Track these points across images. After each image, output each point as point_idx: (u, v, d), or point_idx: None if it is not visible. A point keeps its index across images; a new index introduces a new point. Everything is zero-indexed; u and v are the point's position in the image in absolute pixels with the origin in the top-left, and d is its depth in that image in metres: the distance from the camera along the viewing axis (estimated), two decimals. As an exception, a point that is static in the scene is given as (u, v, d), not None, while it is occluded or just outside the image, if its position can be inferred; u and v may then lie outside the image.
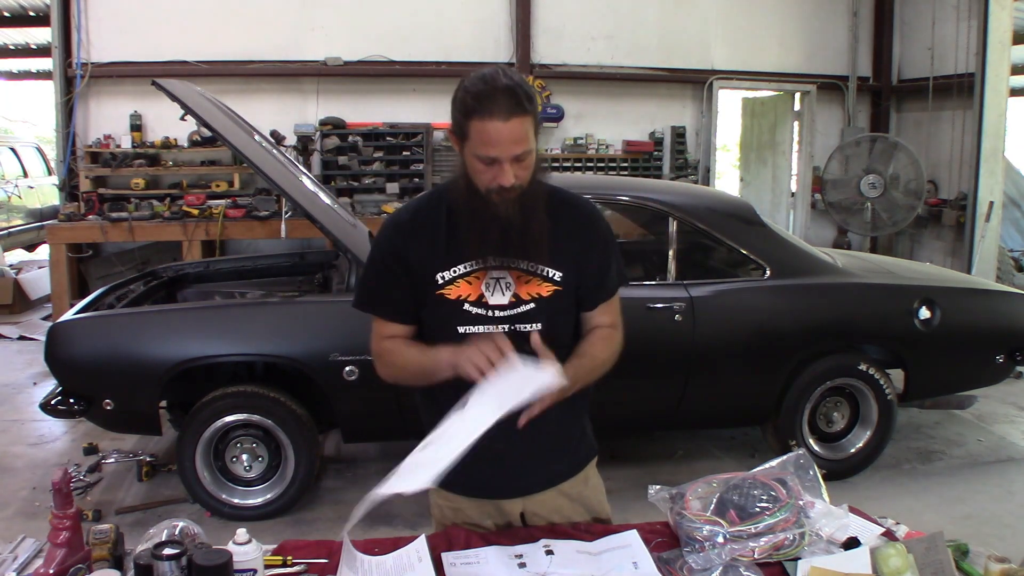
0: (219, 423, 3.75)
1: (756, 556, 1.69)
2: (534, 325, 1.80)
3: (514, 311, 1.81)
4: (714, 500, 1.77)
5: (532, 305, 1.81)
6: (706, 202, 4.26)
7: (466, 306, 1.80)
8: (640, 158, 8.60)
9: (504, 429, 1.85)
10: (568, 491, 1.97)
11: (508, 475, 1.89)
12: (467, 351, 1.67)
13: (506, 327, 1.80)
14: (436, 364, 1.76)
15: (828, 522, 1.81)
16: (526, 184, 1.73)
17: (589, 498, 2.01)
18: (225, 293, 4.81)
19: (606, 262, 1.90)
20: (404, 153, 8.06)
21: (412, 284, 1.83)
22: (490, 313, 1.80)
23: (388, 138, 8.05)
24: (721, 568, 1.67)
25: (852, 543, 1.76)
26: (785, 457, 1.91)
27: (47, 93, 8.62)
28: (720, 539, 1.69)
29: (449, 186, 1.84)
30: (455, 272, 1.80)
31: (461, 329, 1.80)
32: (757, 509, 1.72)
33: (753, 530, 1.70)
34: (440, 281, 1.80)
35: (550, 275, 1.82)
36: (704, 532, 1.70)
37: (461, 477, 1.90)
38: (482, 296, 1.80)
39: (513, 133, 1.64)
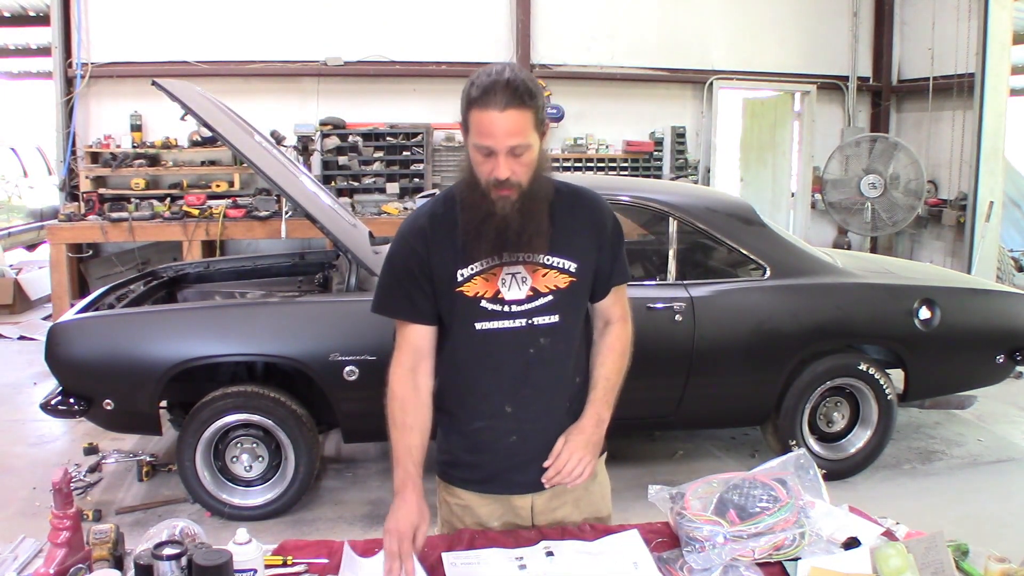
0: (219, 423, 3.75)
1: (756, 556, 1.69)
2: (551, 317, 1.83)
3: (531, 304, 1.83)
4: (714, 500, 1.77)
5: (550, 298, 1.83)
6: (706, 202, 4.26)
7: (483, 303, 1.82)
8: (640, 158, 8.60)
9: (518, 425, 1.87)
10: (577, 487, 1.97)
11: (520, 470, 1.90)
12: (395, 521, 1.71)
13: (524, 321, 1.83)
14: (396, 477, 1.79)
15: (828, 522, 1.81)
16: (525, 184, 1.74)
17: (595, 494, 2.01)
18: (225, 293, 4.81)
19: (616, 252, 1.94)
20: (404, 153, 8.06)
21: (432, 284, 1.84)
22: (507, 308, 1.82)
23: (388, 138, 8.05)
24: (721, 568, 1.67)
25: (852, 543, 1.76)
26: (785, 457, 1.91)
27: (47, 93, 8.60)
28: (720, 539, 1.69)
29: (458, 184, 1.86)
30: (472, 269, 1.81)
31: (478, 326, 1.83)
32: (757, 509, 1.72)
33: (753, 530, 1.70)
34: (459, 279, 1.82)
35: (567, 267, 1.85)
36: (704, 532, 1.70)
37: (474, 472, 1.92)
38: (498, 292, 1.82)
39: (508, 124, 1.66)
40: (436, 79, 8.22)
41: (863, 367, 4.19)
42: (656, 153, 8.67)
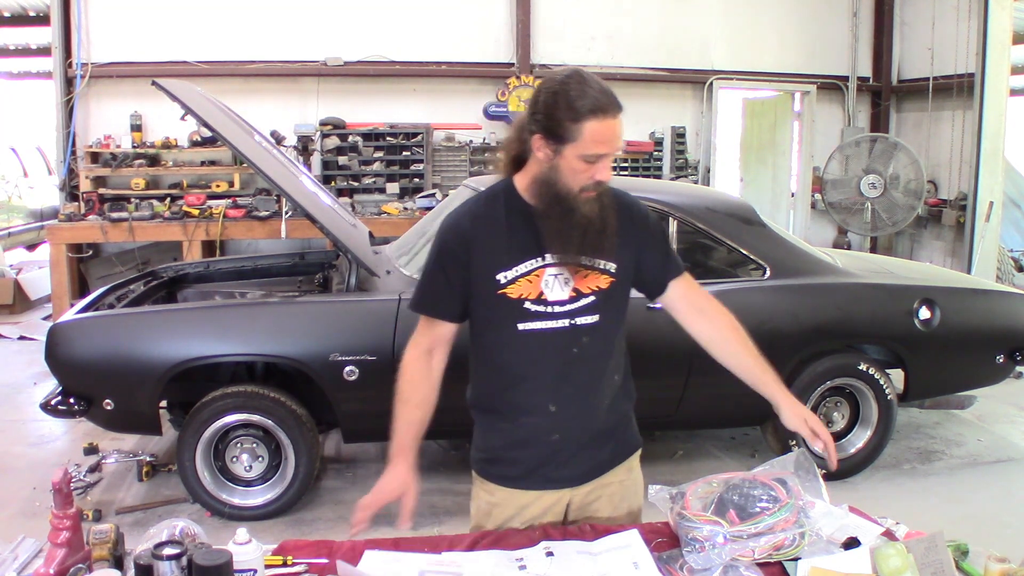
0: (219, 423, 3.75)
1: (756, 556, 1.69)
2: (592, 317, 1.87)
3: (574, 305, 1.86)
4: (714, 500, 1.77)
5: (592, 298, 1.87)
6: (706, 202, 4.26)
7: (526, 304, 1.85)
8: (640, 158, 8.60)
9: (560, 422, 1.91)
10: (612, 480, 2.01)
11: (561, 466, 1.93)
12: (380, 484, 1.87)
13: (566, 322, 1.86)
14: (391, 448, 1.91)
15: (828, 522, 1.81)
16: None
17: (629, 488, 2.04)
18: (225, 293, 4.81)
19: (665, 248, 2.02)
20: (404, 153, 8.06)
21: (467, 286, 1.88)
22: (550, 309, 1.86)
23: (388, 138, 8.05)
24: (721, 568, 1.67)
25: (852, 543, 1.76)
26: (785, 457, 1.91)
27: (47, 93, 8.60)
28: (720, 539, 1.69)
29: (507, 188, 1.89)
30: (516, 271, 1.84)
31: (521, 326, 1.86)
32: (757, 509, 1.72)
33: (753, 530, 1.70)
34: (502, 281, 1.84)
35: (607, 267, 1.89)
36: (704, 532, 1.70)
37: (513, 468, 1.94)
38: (541, 293, 1.85)
39: (619, 129, 1.76)
40: (436, 79, 8.22)
41: (863, 367, 4.19)
42: (656, 153, 8.67)
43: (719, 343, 2.02)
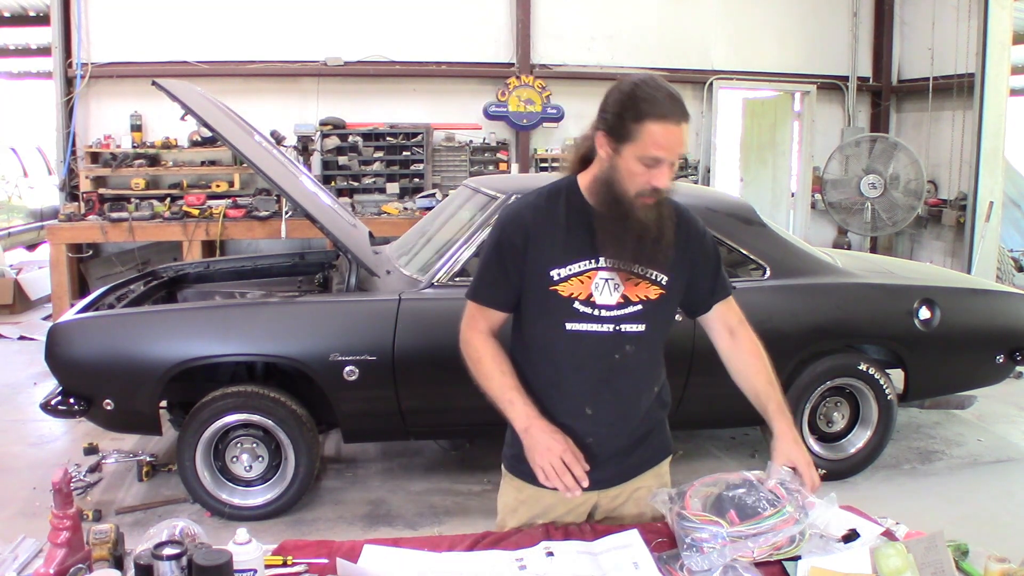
0: (219, 423, 3.75)
1: (755, 556, 1.69)
2: (638, 326, 1.88)
3: (621, 311, 1.87)
4: (714, 500, 1.77)
5: (640, 307, 1.88)
6: (706, 202, 4.25)
7: (576, 304, 1.85)
8: (640, 158, 8.59)
9: (596, 427, 1.92)
10: (641, 484, 2.01)
11: (595, 466, 1.91)
12: (544, 446, 1.80)
13: (612, 327, 1.87)
14: (506, 408, 1.86)
15: (827, 521, 1.81)
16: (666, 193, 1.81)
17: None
18: (225, 293, 4.81)
19: (717, 268, 2.00)
20: (404, 153, 8.06)
21: (522, 278, 1.88)
22: (597, 312, 1.86)
23: (388, 138, 8.05)
24: (721, 568, 1.67)
25: (851, 535, 1.76)
26: (776, 466, 1.90)
27: (47, 93, 8.60)
28: (720, 540, 1.69)
29: (571, 185, 1.90)
30: (570, 270, 1.85)
31: (569, 326, 1.86)
32: (757, 510, 1.72)
33: (753, 531, 1.69)
34: (555, 278, 1.85)
35: (658, 279, 1.89)
36: (704, 533, 1.70)
37: None
38: (591, 296, 1.85)
39: (682, 137, 1.75)
40: (436, 79, 8.22)
41: (863, 367, 4.19)
42: (656, 153, 8.66)
43: (737, 362, 2.02)
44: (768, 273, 4.12)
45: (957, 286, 4.61)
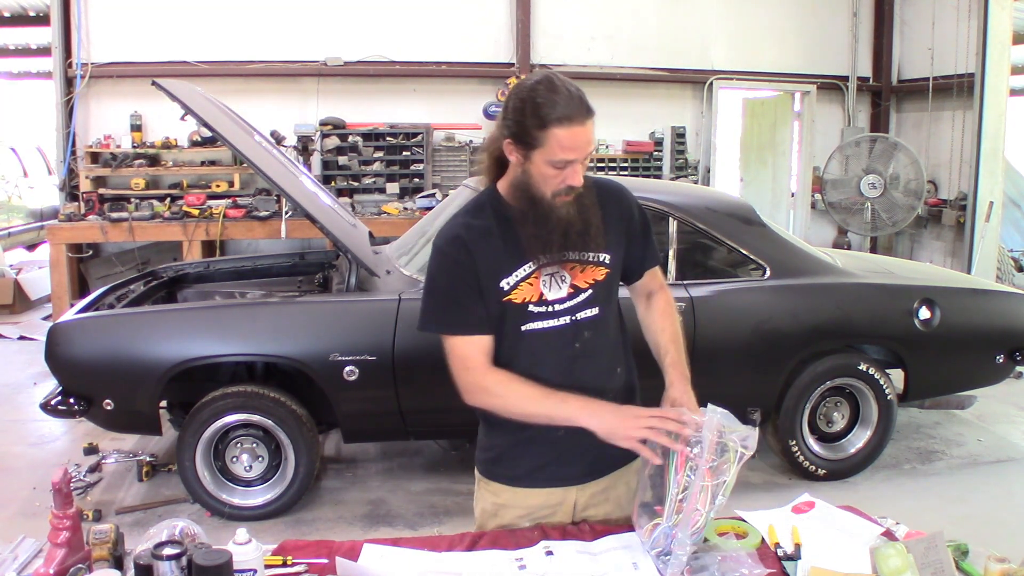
0: (219, 423, 3.75)
1: (709, 509, 1.66)
2: (592, 311, 1.89)
3: (574, 301, 1.88)
4: (645, 507, 1.76)
5: (590, 292, 1.89)
6: (706, 202, 4.26)
7: (530, 306, 1.86)
8: (640, 158, 8.60)
9: None
10: (621, 478, 2.00)
11: (566, 463, 1.92)
12: (625, 420, 1.74)
13: (568, 319, 1.87)
14: (569, 415, 1.80)
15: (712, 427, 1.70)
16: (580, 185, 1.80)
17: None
18: (225, 293, 4.81)
19: (647, 237, 2.03)
20: (404, 153, 8.06)
21: (481, 293, 1.85)
22: (551, 308, 1.87)
23: (388, 138, 8.05)
24: (718, 563, 1.67)
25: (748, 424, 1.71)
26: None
27: (47, 93, 8.60)
28: (668, 534, 1.68)
29: (492, 195, 1.89)
30: (517, 276, 1.85)
31: (524, 327, 1.87)
32: (672, 488, 1.69)
33: (677, 507, 1.67)
34: (506, 288, 1.85)
35: (602, 259, 1.90)
36: (658, 541, 1.70)
37: (518, 467, 1.94)
38: (542, 295, 1.86)
39: (589, 135, 1.74)
40: (436, 79, 8.22)
41: (863, 367, 4.19)
42: (656, 153, 8.67)
43: (648, 321, 2.05)
44: (768, 273, 4.12)
45: (957, 286, 4.61)
